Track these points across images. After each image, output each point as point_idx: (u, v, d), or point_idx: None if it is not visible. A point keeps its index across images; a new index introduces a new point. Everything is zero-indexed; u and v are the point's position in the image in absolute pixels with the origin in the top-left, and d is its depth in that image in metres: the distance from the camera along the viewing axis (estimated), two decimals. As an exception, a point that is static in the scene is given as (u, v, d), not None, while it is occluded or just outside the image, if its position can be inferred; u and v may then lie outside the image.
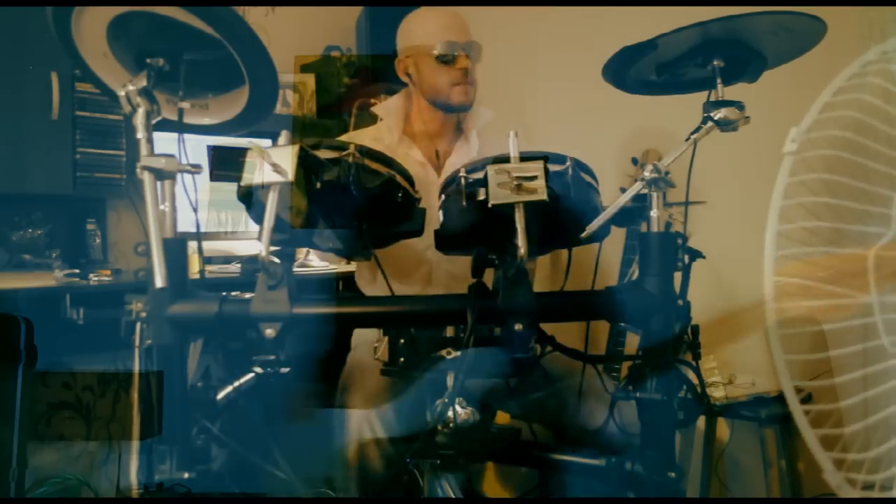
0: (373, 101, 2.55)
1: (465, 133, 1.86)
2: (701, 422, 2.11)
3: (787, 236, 1.55)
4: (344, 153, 1.15)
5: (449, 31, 1.76)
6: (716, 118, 1.20)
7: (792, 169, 1.56)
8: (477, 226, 1.18)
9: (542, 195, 1.10)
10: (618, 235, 1.44)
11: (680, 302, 1.20)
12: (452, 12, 1.82)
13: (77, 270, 2.17)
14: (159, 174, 1.18)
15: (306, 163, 1.13)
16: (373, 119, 1.95)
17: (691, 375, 1.22)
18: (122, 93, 1.21)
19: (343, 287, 2.49)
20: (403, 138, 1.85)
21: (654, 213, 1.18)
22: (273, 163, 1.11)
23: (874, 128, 1.55)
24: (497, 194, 1.10)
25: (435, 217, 1.26)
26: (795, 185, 1.56)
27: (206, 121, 1.38)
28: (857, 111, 1.56)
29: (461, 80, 1.75)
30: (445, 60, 1.74)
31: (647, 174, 1.16)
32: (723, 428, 2.19)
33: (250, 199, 1.19)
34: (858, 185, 1.52)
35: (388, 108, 1.89)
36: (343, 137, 1.97)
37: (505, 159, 1.13)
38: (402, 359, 1.25)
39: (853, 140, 1.55)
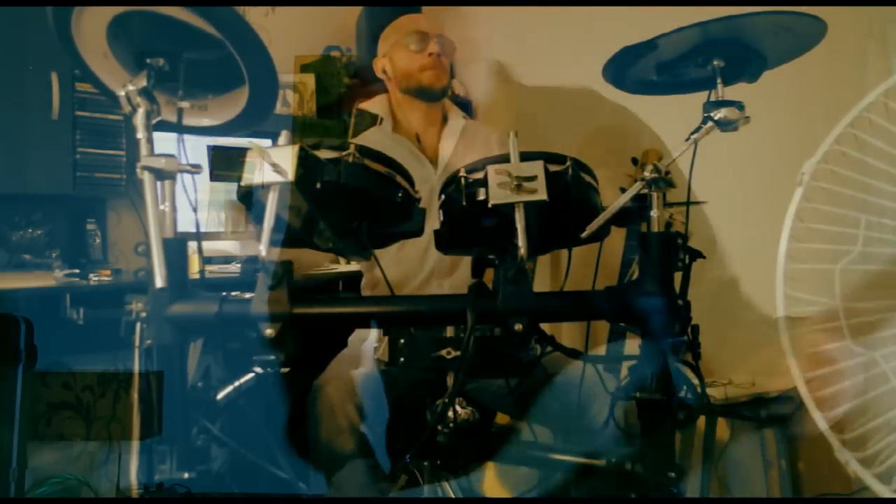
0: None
1: (448, 119, 1.94)
2: (701, 422, 2.11)
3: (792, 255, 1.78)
4: (344, 153, 1.15)
5: (420, 25, 1.91)
6: (716, 118, 1.20)
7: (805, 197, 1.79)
8: (477, 226, 1.18)
9: (542, 195, 1.10)
10: (618, 235, 1.45)
11: (680, 302, 1.20)
12: (426, 14, 2.00)
13: (77, 270, 2.16)
14: (159, 174, 1.18)
15: (306, 163, 1.13)
16: (373, 120, 1.98)
17: (691, 375, 1.22)
18: (122, 93, 1.21)
19: (343, 287, 2.49)
20: (396, 136, 1.88)
21: (654, 213, 1.18)
22: (273, 163, 1.11)
23: (867, 164, 1.72)
24: (497, 194, 1.10)
25: (435, 217, 1.26)
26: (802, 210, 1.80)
27: (206, 121, 1.38)
28: (855, 148, 1.72)
29: (431, 64, 1.86)
30: (416, 48, 1.87)
31: (647, 174, 1.16)
32: (723, 428, 2.19)
33: (250, 199, 1.19)
34: (837, 211, 1.75)
35: (374, 105, 1.99)
36: None
37: (505, 159, 1.13)
38: (402, 359, 1.25)
39: (844, 174, 1.73)
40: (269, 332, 1.16)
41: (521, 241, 1.09)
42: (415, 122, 1.92)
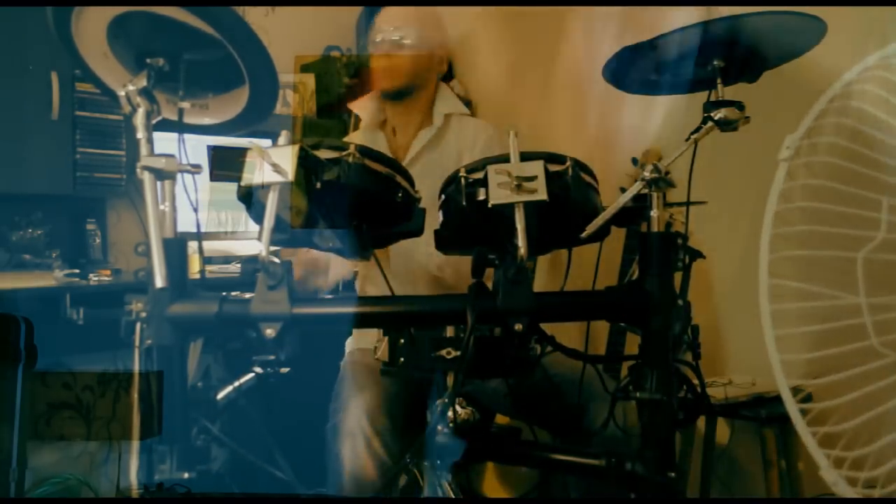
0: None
1: (431, 118, 1.92)
2: (701, 422, 2.11)
3: (784, 238, 1.58)
4: (344, 153, 1.15)
5: (383, 20, 1.86)
6: (716, 118, 1.20)
7: (788, 174, 1.59)
8: (477, 226, 1.18)
9: (542, 195, 1.10)
10: (618, 235, 1.44)
11: (680, 302, 1.20)
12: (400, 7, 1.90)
13: (77, 270, 2.17)
14: (159, 174, 1.18)
15: (306, 163, 1.13)
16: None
17: (691, 375, 1.22)
18: (122, 93, 1.21)
19: (343, 287, 2.49)
20: (372, 131, 1.92)
21: (654, 213, 1.18)
22: (273, 163, 1.11)
23: (864, 133, 1.55)
24: (497, 194, 1.10)
25: (434, 217, 1.27)
26: (790, 189, 1.59)
27: (206, 121, 1.38)
28: (852, 119, 1.57)
29: (384, 63, 1.84)
30: (373, 45, 1.85)
31: (647, 174, 1.16)
32: (723, 428, 2.19)
33: (250, 199, 1.19)
34: (848, 190, 1.53)
35: (361, 105, 1.98)
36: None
37: (505, 159, 1.13)
38: (402, 359, 1.25)
39: (845, 146, 1.57)
40: (269, 332, 1.17)
41: (521, 241, 1.09)
42: (391, 117, 1.93)
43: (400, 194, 1.21)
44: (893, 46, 1.53)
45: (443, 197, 1.24)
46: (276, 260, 1.16)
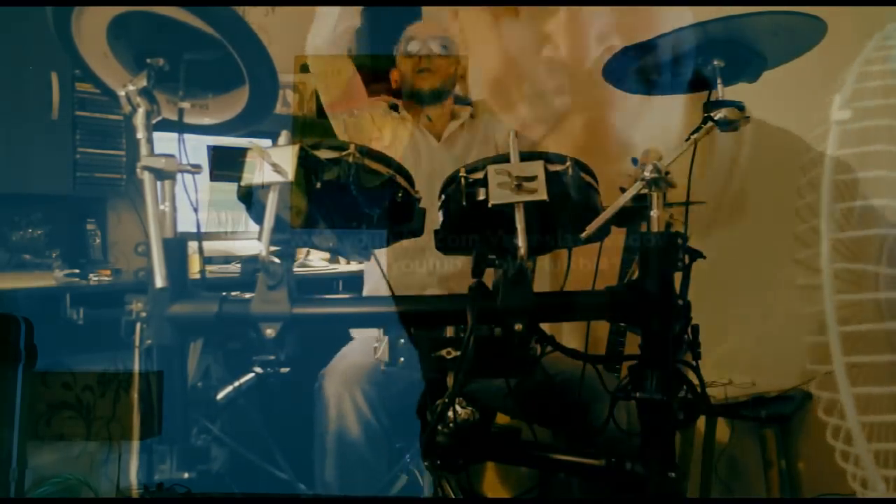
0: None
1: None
2: (701, 422, 2.11)
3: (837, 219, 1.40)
4: (344, 153, 1.15)
5: (417, 32, 2.02)
6: (716, 118, 1.20)
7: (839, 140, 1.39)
8: (477, 226, 1.18)
9: (542, 195, 1.10)
10: (618, 235, 1.44)
11: (680, 302, 1.20)
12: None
13: (77, 270, 2.16)
14: (159, 174, 1.18)
15: (306, 163, 1.13)
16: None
17: (691, 375, 1.22)
18: (122, 93, 1.21)
19: (343, 287, 2.49)
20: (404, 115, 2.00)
21: (654, 213, 1.18)
22: (273, 163, 1.11)
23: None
24: (497, 194, 1.10)
25: (434, 216, 1.27)
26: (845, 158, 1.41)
27: (206, 121, 1.39)
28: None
29: (423, 66, 1.97)
30: (409, 53, 1.99)
31: (647, 174, 1.16)
32: (723, 428, 2.19)
33: (250, 199, 1.19)
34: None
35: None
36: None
37: (505, 159, 1.13)
38: (402, 359, 1.25)
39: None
40: (269, 332, 1.16)
41: (521, 241, 1.09)
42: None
43: (400, 194, 1.21)
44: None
45: (443, 197, 1.24)
46: (277, 260, 1.16)
